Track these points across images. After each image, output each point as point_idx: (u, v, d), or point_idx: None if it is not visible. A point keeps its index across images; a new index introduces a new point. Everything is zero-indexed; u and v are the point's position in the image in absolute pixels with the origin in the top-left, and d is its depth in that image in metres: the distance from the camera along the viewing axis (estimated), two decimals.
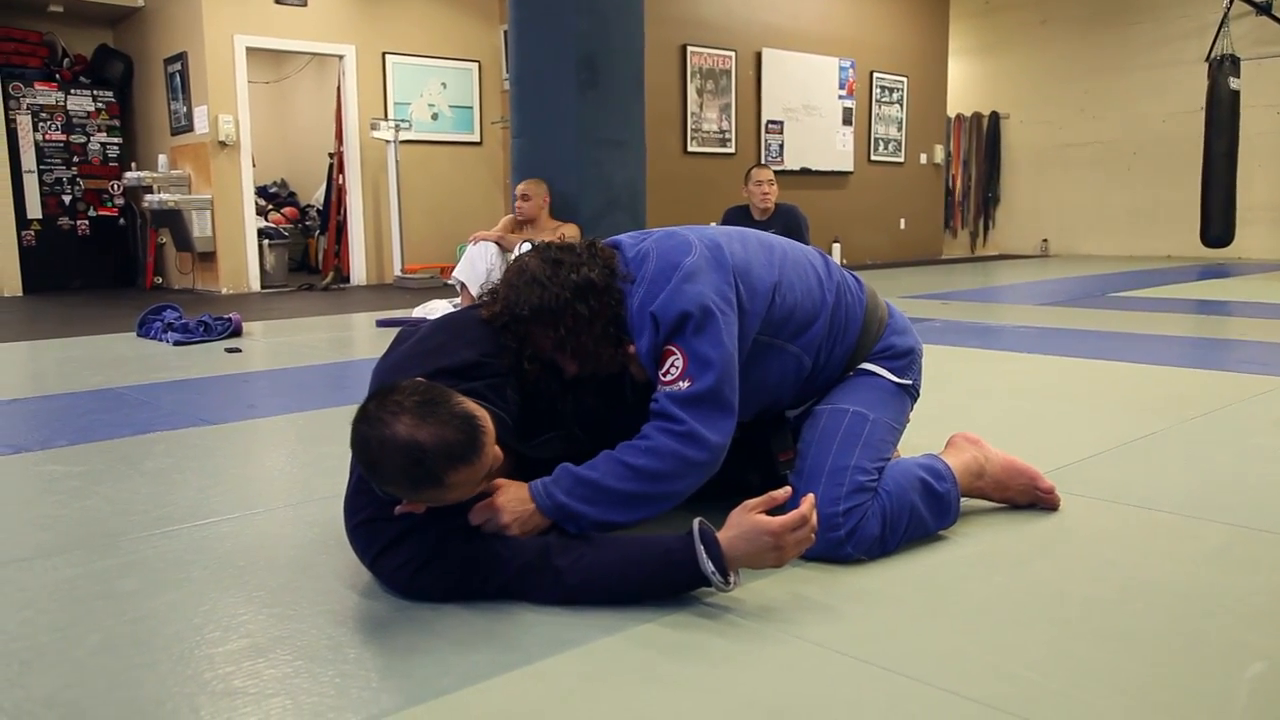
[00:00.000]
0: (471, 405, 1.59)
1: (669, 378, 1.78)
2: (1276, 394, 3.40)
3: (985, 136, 13.80)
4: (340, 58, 9.17)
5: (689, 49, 10.11)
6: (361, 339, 5.69)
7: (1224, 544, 1.96)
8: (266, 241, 9.23)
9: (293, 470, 2.74)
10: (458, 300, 5.79)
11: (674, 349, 1.78)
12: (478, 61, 9.82)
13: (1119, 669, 1.42)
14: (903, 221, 12.50)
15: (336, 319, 6.65)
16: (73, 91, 9.31)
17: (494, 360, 1.81)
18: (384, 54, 9.31)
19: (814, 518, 1.65)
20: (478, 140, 9.91)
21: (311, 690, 1.38)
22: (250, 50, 8.71)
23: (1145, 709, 1.31)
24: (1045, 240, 13.35)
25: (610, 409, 1.90)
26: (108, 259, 9.66)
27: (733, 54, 10.48)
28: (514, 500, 1.72)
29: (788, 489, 1.69)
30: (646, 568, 1.64)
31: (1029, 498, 2.14)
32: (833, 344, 2.01)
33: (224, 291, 8.67)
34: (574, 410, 1.91)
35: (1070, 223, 13.07)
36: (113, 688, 1.40)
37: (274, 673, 1.44)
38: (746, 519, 1.63)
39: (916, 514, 1.92)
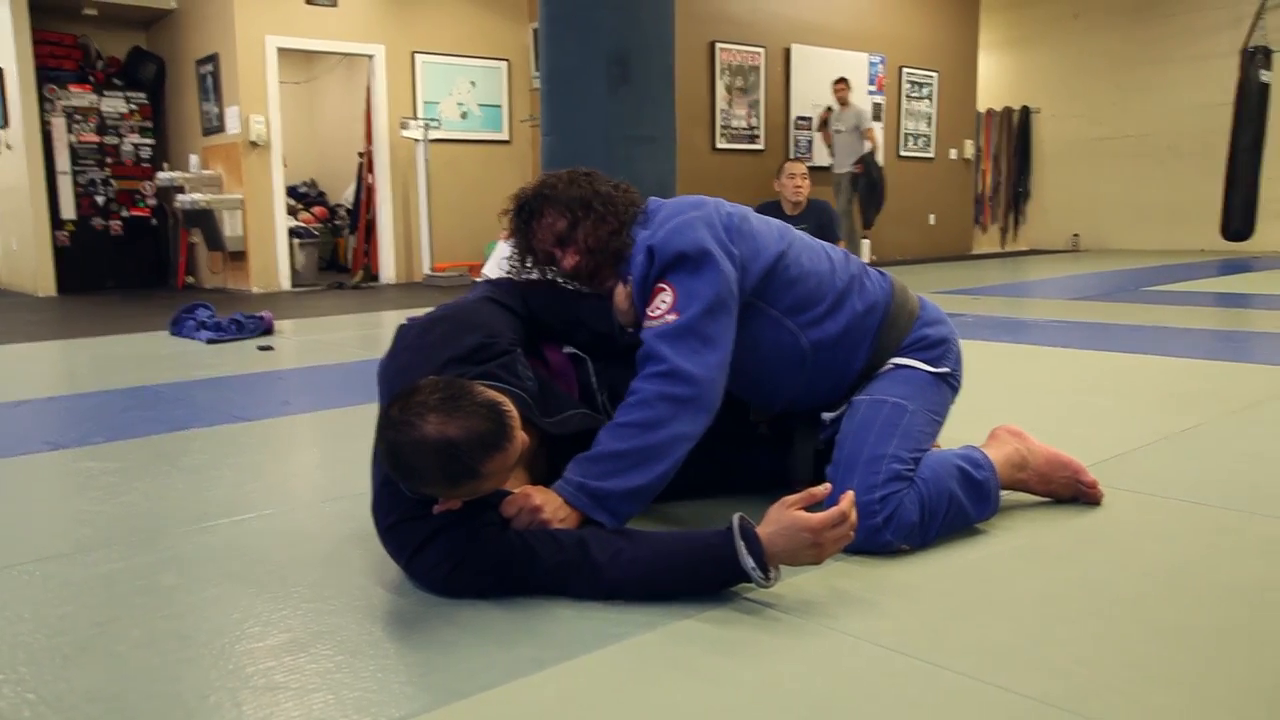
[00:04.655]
0: (492, 392, 1.59)
1: (656, 314, 1.84)
2: None
3: (1016, 131, 13.68)
4: (370, 57, 9.21)
5: (718, 46, 10.07)
6: (391, 337, 5.69)
7: (1273, 537, 1.92)
8: (297, 241, 9.28)
9: (327, 466, 2.75)
10: None
11: (665, 285, 1.86)
12: (506, 60, 9.83)
13: (1171, 663, 1.39)
14: (932, 217, 12.41)
15: (366, 317, 6.68)
16: (106, 93, 9.40)
17: (499, 339, 1.82)
18: (413, 53, 9.34)
19: (853, 514, 1.63)
20: (507, 139, 9.92)
21: (353, 685, 1.38)
22: (281, 51, 8.76)
23: (1200, 703, 1.28)
24: (1076, 235, 13.21)
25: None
26: (140, 259, 9.75)
27: (762, 50, 10.44)
28: (543, 492, 1.73)
29: (827, 486, 1.67)
30: (686, 563, 1.63)
31: (1072, 491, 2.11)
32: (844, 332, 2.00)
33: (255, 290, 8.73)
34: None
35: (1102, 217, 12.91)
36: (155, 682, 1.40)
37: (315, 668, 1.44)
38: (785, 515, 1.60)
39: (955, 502, 1.90)
